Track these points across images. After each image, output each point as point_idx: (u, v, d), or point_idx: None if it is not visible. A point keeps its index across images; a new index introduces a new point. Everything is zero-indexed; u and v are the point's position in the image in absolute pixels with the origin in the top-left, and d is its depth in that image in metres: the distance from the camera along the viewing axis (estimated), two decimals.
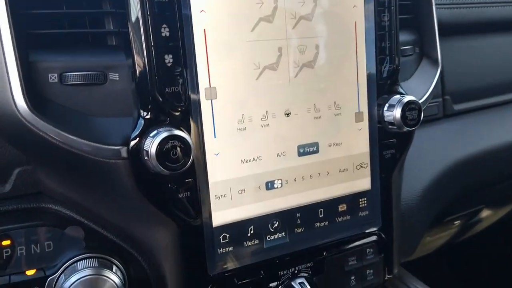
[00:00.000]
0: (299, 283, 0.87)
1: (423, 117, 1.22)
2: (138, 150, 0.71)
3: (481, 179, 1.27)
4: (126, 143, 0.71)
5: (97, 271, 0.71)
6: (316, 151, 0.88)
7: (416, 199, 1.08)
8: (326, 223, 0.91)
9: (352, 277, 0.95)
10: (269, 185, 0.85)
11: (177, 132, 0.71)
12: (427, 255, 1.62)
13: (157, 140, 0.69)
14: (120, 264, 0.76)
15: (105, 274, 0.71)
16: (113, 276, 0.72)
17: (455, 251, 1.93)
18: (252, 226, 0.84)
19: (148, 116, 0.72)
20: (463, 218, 1.46)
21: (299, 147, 0.86)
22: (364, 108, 0.91)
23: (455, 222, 1.46)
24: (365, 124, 0.92)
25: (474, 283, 2.07)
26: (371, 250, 0.97)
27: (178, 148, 0.71)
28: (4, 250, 0.71)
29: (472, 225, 1.59)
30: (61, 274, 0.72)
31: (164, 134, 0.69)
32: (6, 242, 0.71)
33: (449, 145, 1.21)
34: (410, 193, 1.08)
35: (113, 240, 0.77)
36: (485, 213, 1.53)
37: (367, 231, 0.96)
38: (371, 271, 0.97)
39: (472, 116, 1.30)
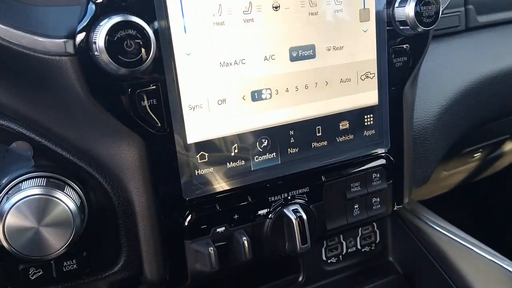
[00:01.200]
0: (292, 210, 0.75)
1: (442, 29, 1.07)
2: (87, 44, 0.58)
3: (506, 103, 1.11)
4: (73, 36, 0.58)
5: (46, 191, 0.60)
6: (312, 56, 0.74)
7: (431, 121, 0.94)
8: (325, 143, 0.78)
9: (356, 206, 0.83)
10: (256, 96, 0.71)
11: (133, 18, 0.57)
12: (441, 195, 1.49)
13: (106, 28, 0.55)
14: (77, 186, 0.65)
15: (55, 195, 0.60)
16: (66, 199, 0.60)
17: (473, 191, 1.79)
18: (236, 145, 0.71)
19: (99, 0, 0.57)
20: (484, 150, 1.32)
21: (291, 49, 0.72)
22: (371, 4, 0.76)
23: (475, 155, 1.31)
24: (371, 24, 0.77)
25: (491, 227, 1.95)
26: (378, 175, 0.84)
27: (134, 40, 0.57)
28: None
29: (494, 160, 1.44)
30: (4, 195, 0.61)
31: (115, 20, 0.56)
32: None
33: (470, 62, 1.05)
34: (424, 114, 0.94)
35: (68, 158, 0.65)
36: (509, 145, 1.38)
37: (373, 153, 0.83)
38: (378, 199, 0.85)
39: (497, 30, 1.13)
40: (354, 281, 1.00)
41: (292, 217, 0.74)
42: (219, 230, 0.72)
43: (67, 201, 0.61)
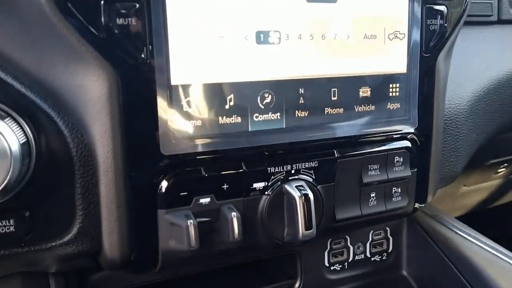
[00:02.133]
0: (296, 186, 0.60)
1: (475, 15, 0.95)
2: None
3: None
4: None
5: None
6: (333, 0, 0.61)
7: (464, 106, 0.80)
8: (341, 110, 0.64)
9: (372, 194, 0.68)
10: (261, 37, 0.58)
11: None
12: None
13: None
14: (24, 122, 0.50)
15: None
16: (4, 131, 0.46)
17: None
18: (232, 95, 0.57)
19: None
20: (510, 166, 1.17)
21: None
22: None
23: (500, 170, 1.17)
24: None
25: None
26: (401, 159, 0.69)
27: None
28: None
29: None
30: None
31: None
32: None
33: (503, 53, 0.92)
34: (456, 97, 0.80)
35: (15, 87, 0.51)
36: None
37: (397, 131, 0.69)
38: (398, 190, 0.70)
39: None
40: None
41: (296, 194, 0.59)
42: (202, 201, 0.57)
43: (5, 133, 0.46)
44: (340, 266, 0.83)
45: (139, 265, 0.58)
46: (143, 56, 0.51)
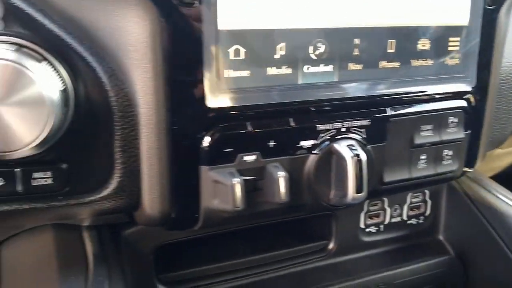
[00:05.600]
0: (347, 146, 0.56)
1: None
2: None
3: None
4: None
5: (17, 57, 0.41)
6: None
7: None
8: (397, 64, 0.59)
9: (423, 157, 0.64)
10: None
11: None
12: None
13: None
14: (63, 68, 0.46)
15: (28, 67, 0.41)
16: (44, 75, 0.42)
17: None
18: (283, 44, 0.52)
19: None
20: None
21: None
22: None
23: None
24: None
25: None
26: (456, 120, 0.64)
27: None
28: None
29: None
30: None
31: None
32: None
33: None
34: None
35: (51, 30, 0.46)
36: None
37: (454, 88, 0.64)
38: (450, 152, 0.65)
39: None
40: (394, 259, 0.81)
41: (347, 154, 0.55)
42: (247, 158, 0.53)
43: (44, 78, 0.42)
44: (376, 228, 0.80)
45: (178, 223, 0.55)
46: None
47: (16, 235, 0.61)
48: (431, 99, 0.62)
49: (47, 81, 0.43)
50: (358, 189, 0.55)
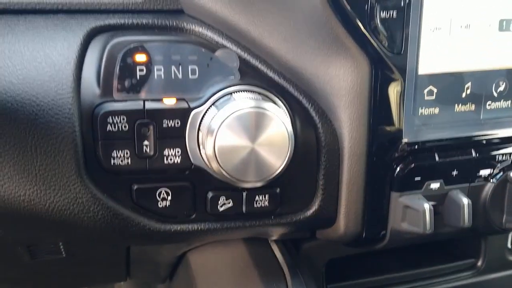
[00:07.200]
0: None
1: None
2: None
3: None
4: None
5: (260, 104, 0.50)
6: None
7: None
8: None
9: None
10: (504, 25, 0.57)
11: None
12: None
13: None
14: (286, 109, 0.55)
15: (269, 109, 0.50)
16: (281, 115, 0.50)
17: None
18: (469, 83, 0.58)
19: None
20: None
21: None
22: None
23: None
24: None
25: None
26: None
27: None
28: (138, 68, 0.52)
29: None
30: (209, 107, 0.52)
31: None
32: (141, 57, 0.52)
33: None
34: None
35: (272, 78, 0.55)
36: None
37: None
38: None
39: None
40: None
41: None
42: (433, 186, 0.59)
43: (282, 117, 0.51)
44: None
45: (368, 242, 0.62)
46: (398, 47, 0.53)
47: (199, 246, 0.71)
48: None
49: (284, 117, 0.52)
50: None
